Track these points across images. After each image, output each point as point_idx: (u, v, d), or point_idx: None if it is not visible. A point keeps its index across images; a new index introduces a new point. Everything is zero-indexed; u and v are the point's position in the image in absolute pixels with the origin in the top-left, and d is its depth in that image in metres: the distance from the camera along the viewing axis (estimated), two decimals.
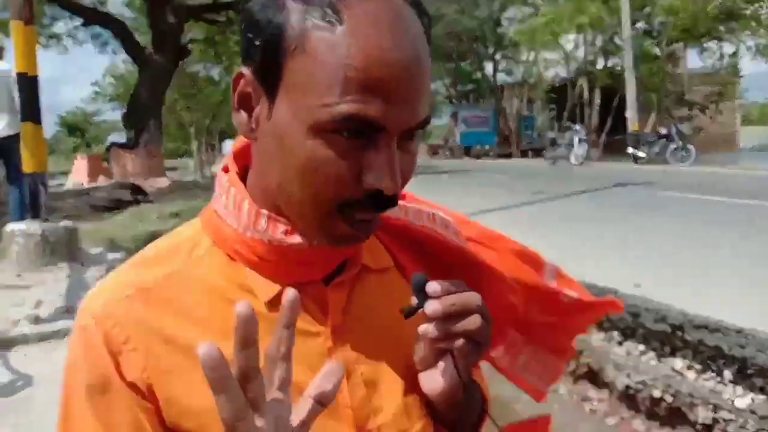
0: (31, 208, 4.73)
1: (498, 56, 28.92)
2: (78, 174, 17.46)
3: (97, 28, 17.12)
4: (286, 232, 0.62)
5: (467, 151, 29.02)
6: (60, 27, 17.23)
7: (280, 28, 0.55)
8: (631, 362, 3.40)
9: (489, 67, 29.58)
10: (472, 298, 0.62)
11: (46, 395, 2.73)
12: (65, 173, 20.45)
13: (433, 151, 31.84)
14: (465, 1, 25.56)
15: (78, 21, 16.58)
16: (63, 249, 4.61)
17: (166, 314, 0.61)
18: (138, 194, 10.63)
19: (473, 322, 0.61)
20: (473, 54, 28.64)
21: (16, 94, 4.96)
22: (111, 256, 5.33)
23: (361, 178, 0.56)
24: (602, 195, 9.17)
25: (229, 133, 39.65)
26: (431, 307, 0.60)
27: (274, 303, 0.62)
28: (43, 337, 3.46)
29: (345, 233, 0.60)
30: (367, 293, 0.69)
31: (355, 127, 0.55)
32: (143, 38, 17.65)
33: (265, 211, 0.62)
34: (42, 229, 4.55)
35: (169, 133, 32.74)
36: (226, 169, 0.68)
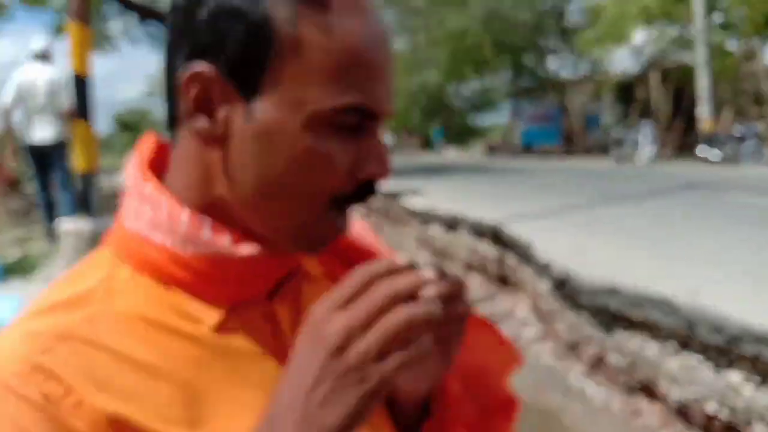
0: (81, 206, 4.98)
1: (561, 50, 28.36)
2: None
3: (152, 25, 17.66)
4: (232, 242, 0.56)
5: (528, 150, 28.55)
6: (113, 26, 17.87)
7: (264, 15, 0.52)
8: (685, 375, 3.35)
9: (551, 61, 29.06)
10: (459, 278, 0.57)
11: None
12: (119, 170, 21.22)
13: (491, 149, 31.48)
14: None
15: (132, 18, 17.18)
16: None
17: (100, 360, 0.52)
18: None
19: (466, 303, 0.58)
20: (535, 47, 28.17)
21: (65, 100, 5.31)
22: None
23: (354, 168, 0.56)
24: (667, 197, 8.92)
25: None
26: (430, 289, 0.55)
27: (220, 328, 0.57)
28: None
29: (333, 231, 0.59)
30: (311, 303, 0.58)
31: (356, 116, 0.54)
32: None
33: (208, 220, 0.56)
34: (92, 227, 4.80)
35: None
36: (143, 180, 0.59)
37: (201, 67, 0.53)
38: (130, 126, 50.68)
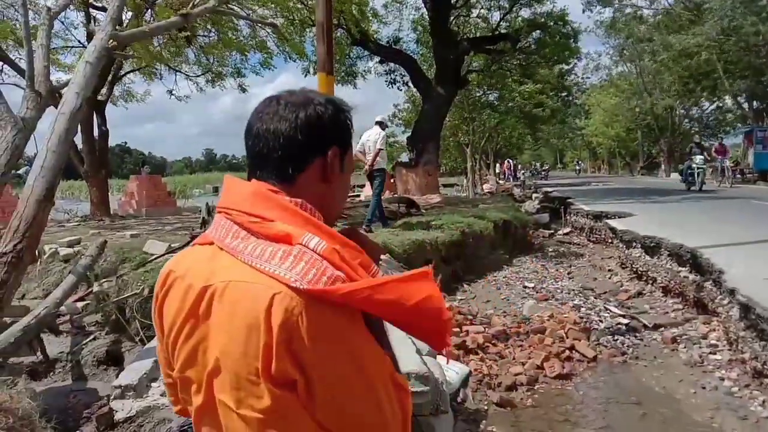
0: None
1: None
2: (369, 188, 19.65)
3: (390, 64, 19.03)
4: None
5: (763, 176, 25.10)
6: (358, 66, 19.61)
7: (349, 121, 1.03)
8: None
9: None
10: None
11: None
12: (362, 186, 23.15)
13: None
14: (764, 10, 22.34)
15: (376, 59, 18.72)
16: None
17: None
18: (412, 207, 11.71)
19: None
20: None
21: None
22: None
23: None
24: None
25: (501, 153, 40.04)
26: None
27: None
28: None
29: None
30: None
31: None
32: (428, 70, 19.27)
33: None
34: None
35: (450, 153, 34.27)
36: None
37: (335, 149, 0.99)
38: None
